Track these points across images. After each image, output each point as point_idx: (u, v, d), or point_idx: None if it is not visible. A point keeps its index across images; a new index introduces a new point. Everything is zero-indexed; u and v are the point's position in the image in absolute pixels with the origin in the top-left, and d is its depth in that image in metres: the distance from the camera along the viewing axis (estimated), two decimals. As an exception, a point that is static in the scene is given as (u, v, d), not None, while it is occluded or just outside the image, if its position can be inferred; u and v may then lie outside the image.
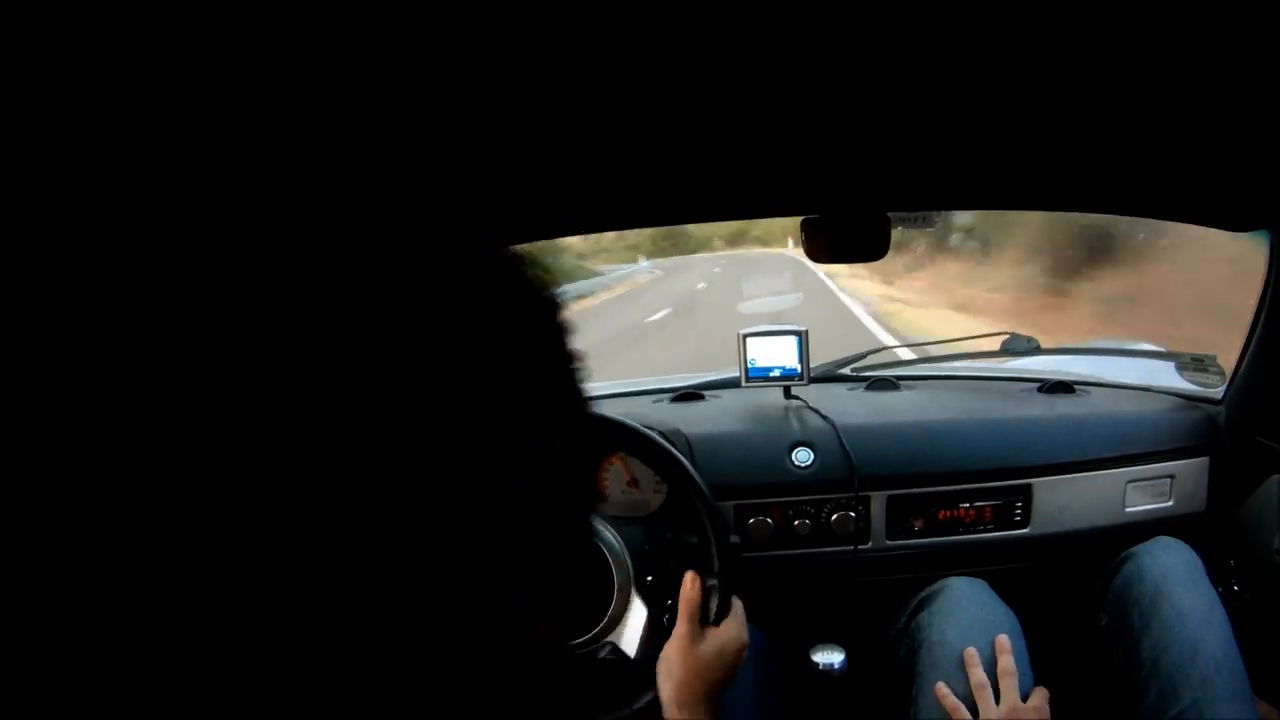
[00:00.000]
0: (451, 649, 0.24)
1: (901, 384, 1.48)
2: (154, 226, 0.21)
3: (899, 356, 1.60)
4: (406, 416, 0.22)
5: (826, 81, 0.54)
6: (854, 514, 1.19)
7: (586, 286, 15.09)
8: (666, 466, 0.98)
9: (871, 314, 7.99)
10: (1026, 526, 1.21)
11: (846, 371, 1.55)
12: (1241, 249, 1.14)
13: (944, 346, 1.57)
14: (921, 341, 1.52)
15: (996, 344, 1.55)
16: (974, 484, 1.20)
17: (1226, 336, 1.21)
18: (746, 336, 1.35)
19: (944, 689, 0.95)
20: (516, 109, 0.54)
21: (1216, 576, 1.03)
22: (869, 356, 1.56)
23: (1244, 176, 0.80)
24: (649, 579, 0.98)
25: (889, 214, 0.99)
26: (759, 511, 1.19)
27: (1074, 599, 1.18)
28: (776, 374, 1.35)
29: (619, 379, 1.70)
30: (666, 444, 1.00)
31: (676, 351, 6.62)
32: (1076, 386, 1.41)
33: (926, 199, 1.00)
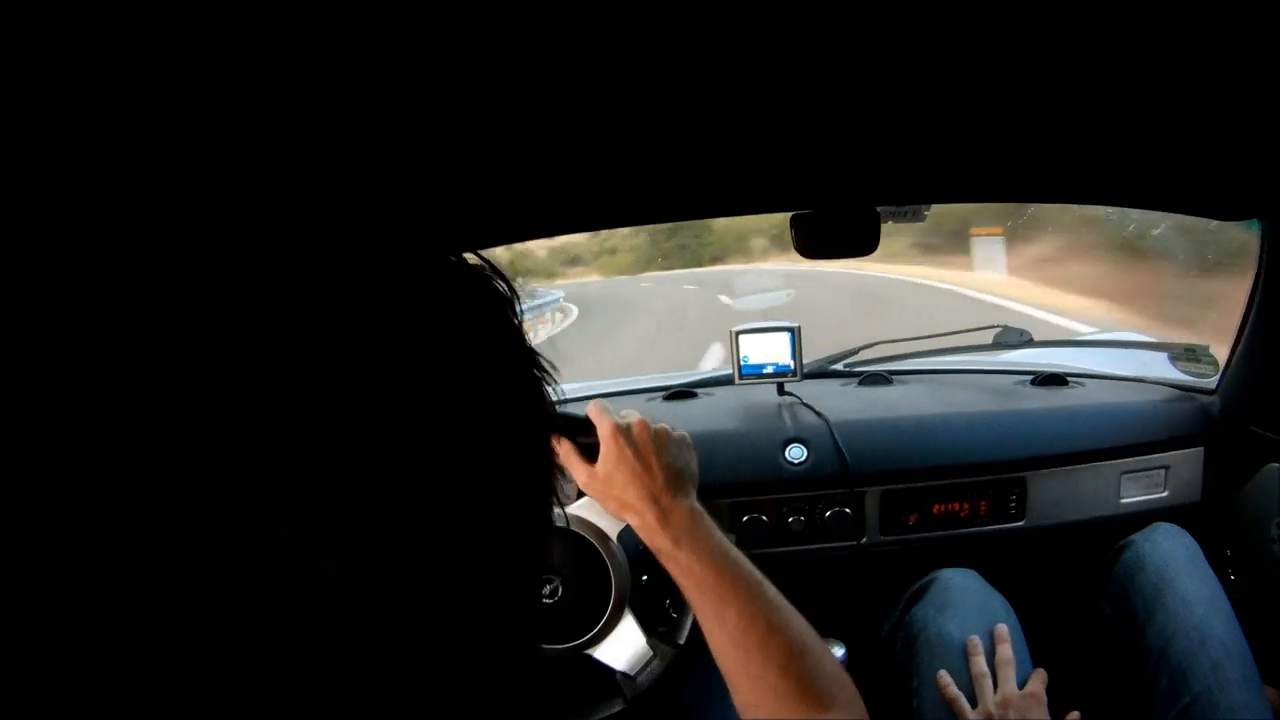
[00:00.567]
0: (422, 651, 0.24)
1: (895, 379, 1.48)
2: (140, 228, 0.21)
3: (891, 351, 1.60)
4: (372, 418, 0.22)
5: (817, 78, 0.54)
6: (848, 510, 1.18)
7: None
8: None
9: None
10: (1022, 519, 1.21)
11: (839, 367, 1.54)
12: None
13: (937, 341, 1.57)
14: (914, 336, 1.53)
15: (989, 337, 1.55)
16: (968, 478, 1.20)
17: None
18: (739, 334, 1.34)
19: (945, 678, 0.95)
20: (504, 105, 0.53)
21: (1213, 566, 1.03)
22: (861, 352, 1.56)
23: (1234, 166, 0.80)
24: (644, 579, 0.97)
25: (879, 208, 0.98)
26: (753, 509, 1.19)
27: (1072, 589, 1.18)
28: (769, 371, 1.34)
29: (612, 378, 1.70)
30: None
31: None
32: (1070, 379, 1.41)
33: (917, 193, 1.00)
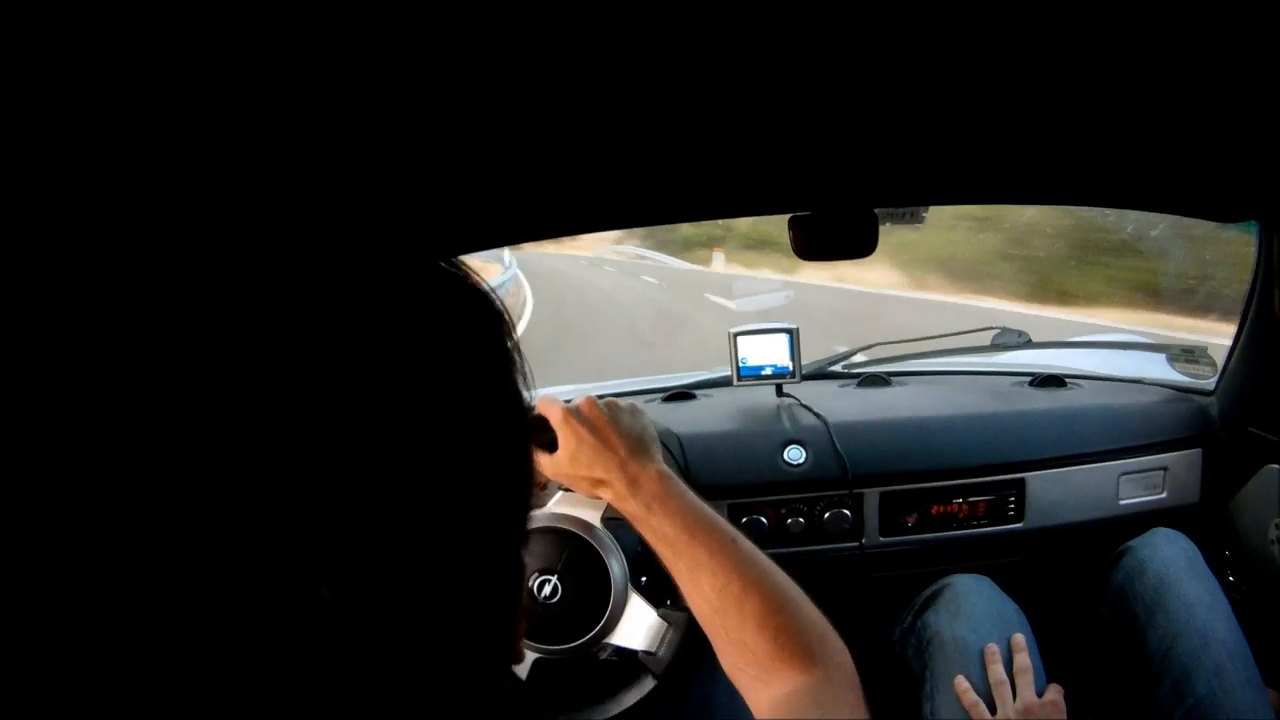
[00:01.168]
0: (419, 650, 0.24)
1: (893, 380, 1.48)
2: (135, 231, 0.21)
3: (890, 352, 1.60)
4: (365, 420, 0.22)
5: (815, 79, 0.54)
6: (847, 511, 1.18)
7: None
8: None
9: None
10: (1020, 521, 1.21)
11: (838, 369, 1.54)
12: None
13: (935, 342, 1.57)
14: (913, 338, 1.53)
15: (987, 339, 1.55)
16: (967, 479, 1.20)
17: None
18: (737, 335, 1.34)
19: (964, 684, 0.95)
20: (500, 108, 0.53)
21: (1212, 568, 1.03)
22: (860, 353, 1.56)
23: (1231, 167, 0.80)
24: (644, 579, 0.97)
25: (877, 210, 0.98)
26: (752, 510, 1.18)
27: (1071, 592, 1.18)
28: (768, 372, 1.34)
29: (612, 379, 1.70)
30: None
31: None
32: (1068, 380, 1.41)
33: (915, 194, 1.00)
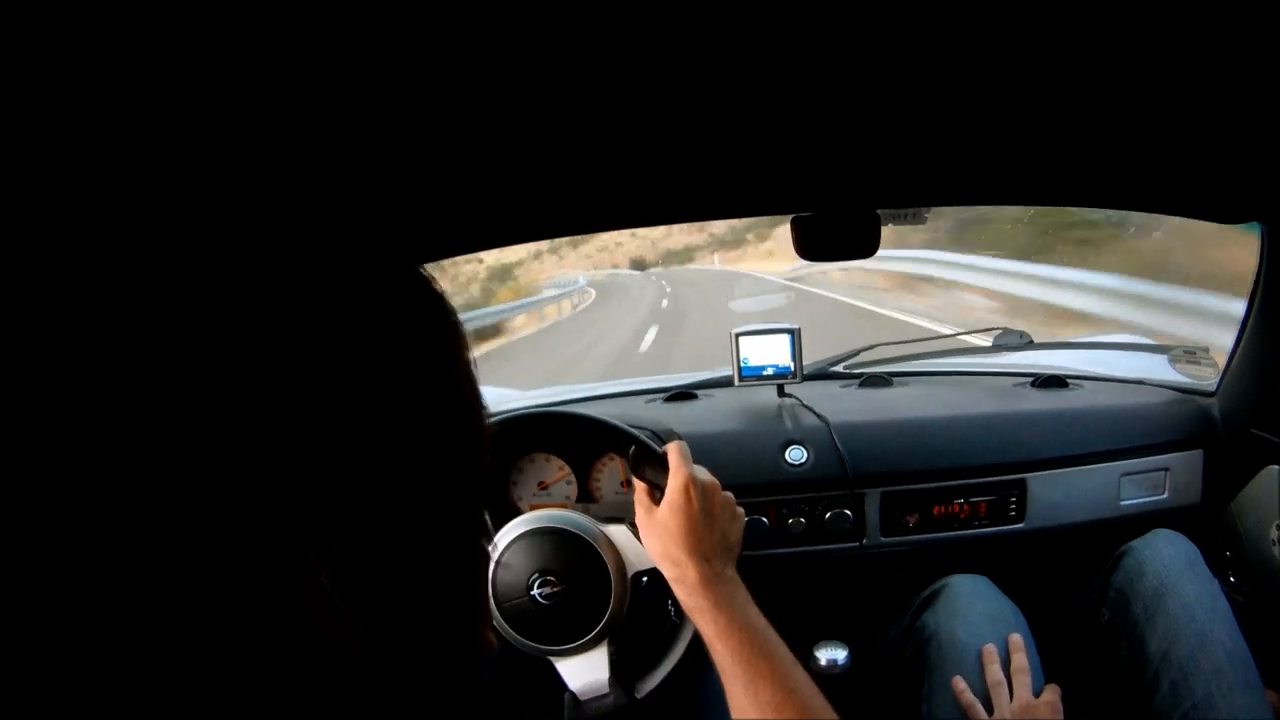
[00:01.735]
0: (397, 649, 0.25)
1: (895, 380, 1.48)
2: (111, 232, 0.21)
3: (892, 353, 1.60)
4: (315, 414, 0.23)
5: (818, 80, 0.54)
6: (849, 511, 1.18)
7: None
8: (574, 426, 1.00)
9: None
10: (1021, 521, 1.21)
11: (839, 369, 1.54)
12: None
13: (937, 342, 1.57)
14: (915, 339, 1.53)
15: (989, 339, 1.55)
16: (968, 479, 1.20)
17: None
18: (739, 335, 1.34)
19: (961, 684, 0.95)
20: (501, 107, 0.53)
21: (1213, 569, 1.03)
22: (862, 354, 1.56)
23: (1234, 168, 0.80)
24: (644, 579, 0.97)
25: (879, 210, 0.98)
26: (753, 510, 1.18)
27: (1072, 593, 1.18)
28: (769, 372, 1.34)
29: (611, 380, 1.70)
30: (568, 409, 1.02)
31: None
32: (1070, 380, 1.41)
33: (917, 195, 1.00)
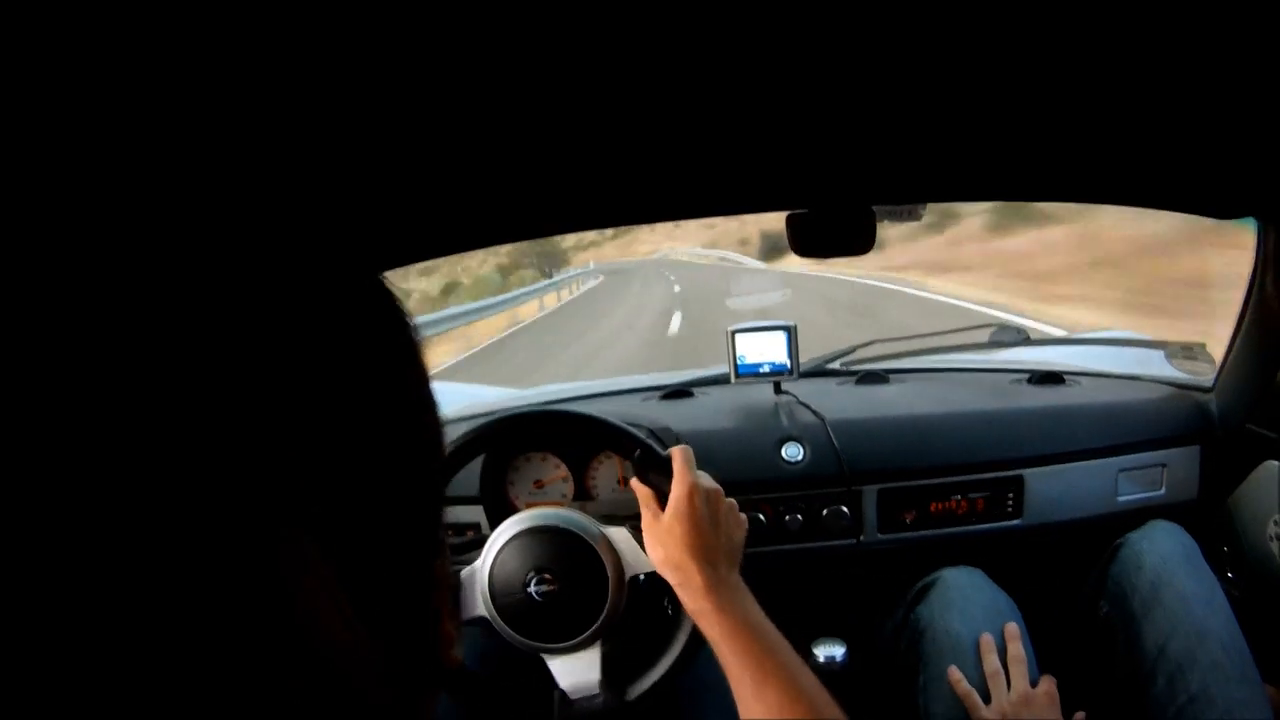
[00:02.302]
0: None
1: (891, 377, 1.48)
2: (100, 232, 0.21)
3: (888, 350, 1.60)
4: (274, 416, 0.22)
5: (812, 76, 0.53)
6: (846, 508, 1.18)
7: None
8: (636, 452, 0.99)
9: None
10: (1019, 517, 1.21)
11: (836, 366, 1.54)
12: None
13: (933, 339, 1.57)
14: (910, 335, 1.54)
15: (985, 336, 1.55)
16: (965, 476, 1.20)
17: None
18: (735, 333, 1.34)
19: (957, 674, 0.95)
20: (493, 103, 0.53)
21: (1210, 564, 1.03)
22: (858, 350, 1.56)
23: (1231, 164, 0.80)
24: (641, 577, 0.97)
25: (875, 207, 0.98)
26: (750, 508, 1.18)
27: (1070, 588, 1.18)
28: (766, 370, 1.34)
29: (607, 378, 1.70)
30: (641, 435, 1.01)
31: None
32: (1066, 377, 1.41)
33: (913, 192, 1.00)
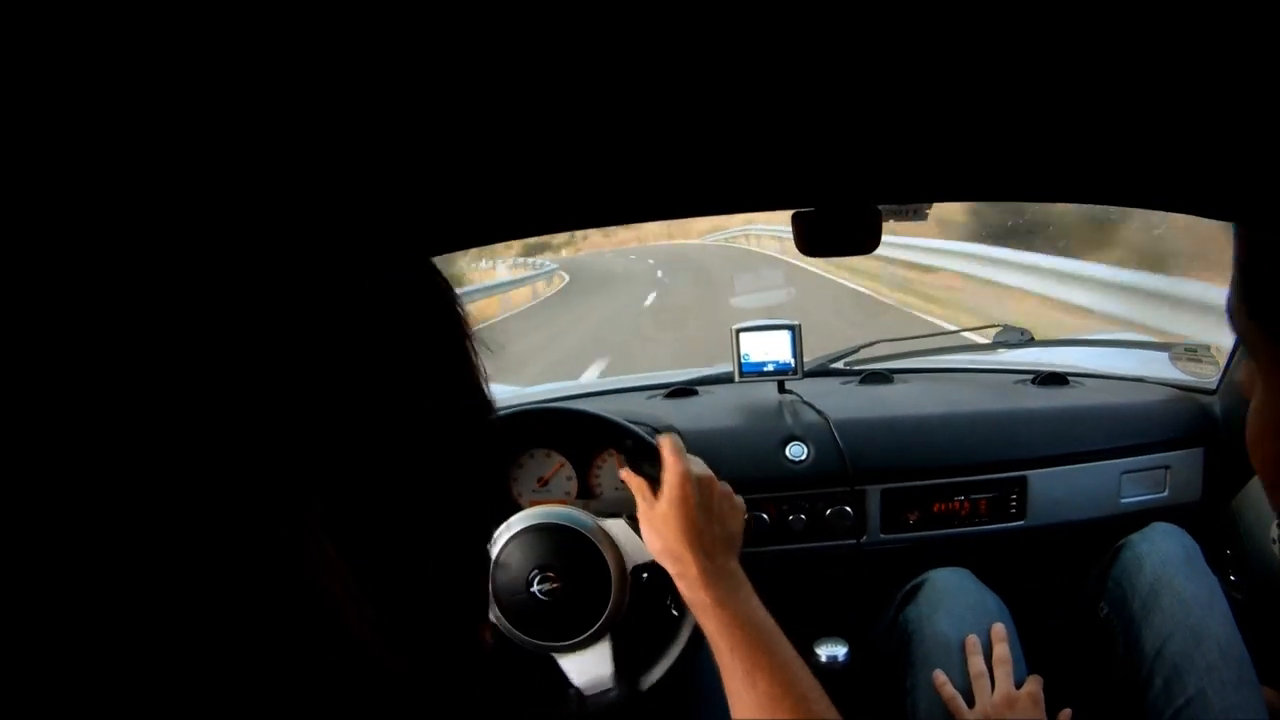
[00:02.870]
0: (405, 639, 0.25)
1: (895, 377, 1.48)
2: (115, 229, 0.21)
3: (892, 350, 1.60)
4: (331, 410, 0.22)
5: (818, 75, 0.53)
6: (849, 508, 1.18)
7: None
8: (628, 442, 1.00)
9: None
10: (1022, 518, 1.21)
11: (840, 365, 1.54)
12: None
13: (938, 339, 1.57)
14: (915, 335, 1.53)
15: (990, 336, 1.55)
16: (969, 476, 1.20)
17: None
18: (740, 331, 1.34)
19: (942, 677, 0.95)
20: (495, 102, 0.53)
21: (1213, 567, 1.03)
22: (862, 350, 1.56)
23: (1235, 165, 0.79)
24: (644, 575, 0.98)
25: (880, 206, 0.98)
26: (754, 507, 1.18)
27: (1071, 589, 1.18)
28: (770, 369, 1.34)
29: (611, 375, 1.70)
30: (565, 405, 1.02)
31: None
32: (1070, 378, 1.41)
33: (917, 191, 1.00)
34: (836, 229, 1.00)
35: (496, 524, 0.96)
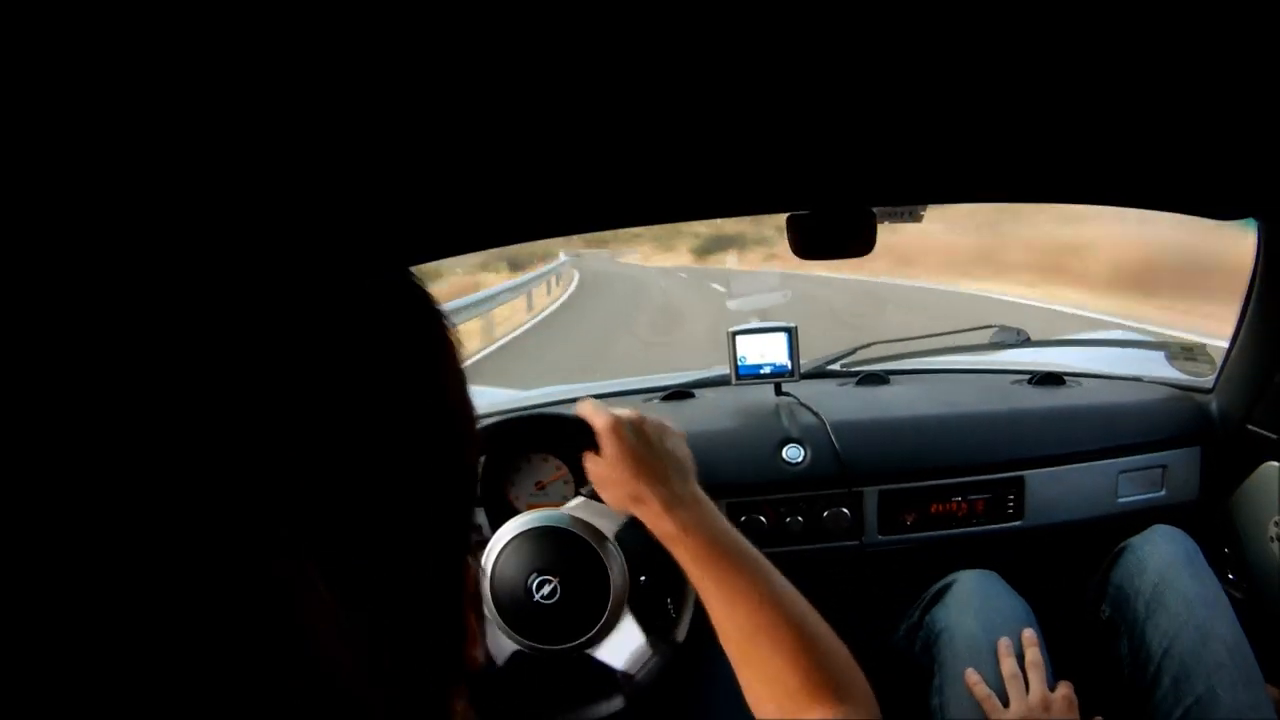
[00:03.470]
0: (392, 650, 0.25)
1: (892, 379, 1.48)
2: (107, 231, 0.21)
3: (889, 351, 1.60)
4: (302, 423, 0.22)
5: (812, 78, 0.53)
6: (846, 510, 1.18)
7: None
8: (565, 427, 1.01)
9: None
10: (1020, 519, 1.21)
11: (837, 367, 1.54)
12: None
13: (934, 340, 1.57)
14: (912, 336, 1.54)
15: (986, 337, 1.55)
16: (966, 477, 1.20)
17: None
18: (736, 334, 1.34)
19: (975, 677, 0.95)
20: (494, 105, 0.53)
21: (1211, 566, 1.03)
22: (859, 352, 1.56)
23: (1231, 165, 0.80)
24: (642, 579, 0.97)
25: (875, 209, 0.98)
26: (751, 509, 1.18)
27: (1071, 590, 1.18)
28: (767, 371, 1.34)
29: (608, 379, 1.70)
30: (561, 411, 1.03)
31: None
32: (1067, 378, 1.41)
33: (913, 193, 1.00)
34: (831, 232, 1.00)
35: (494, 526, 0.96)
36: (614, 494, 0.79)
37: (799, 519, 1.19)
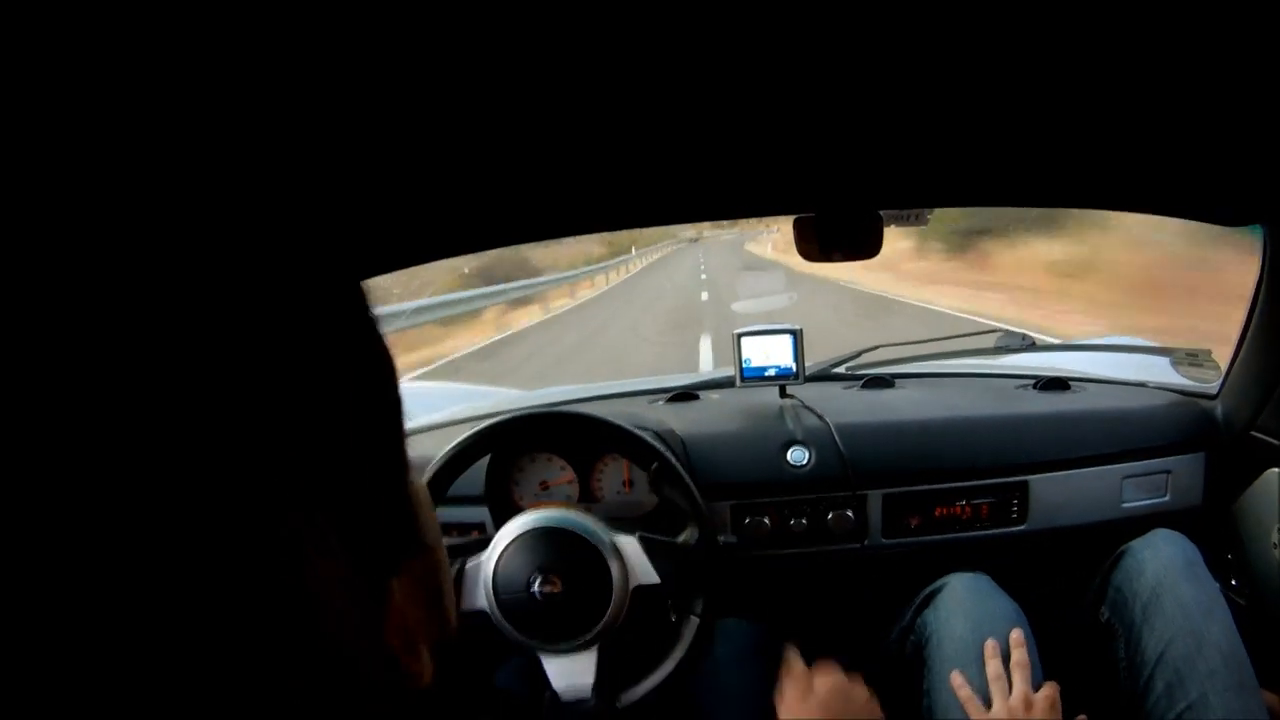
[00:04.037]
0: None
1: (897, 382, 1.48)
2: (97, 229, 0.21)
3: (894, 354, 1.60)
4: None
5: (821, 81, 0.54)
6: (850, 513, 1.18)
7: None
8: (654, 465, 1.00)
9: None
10: (1023, 523, 1.21)
11: (842, 370, 1.54)
12: None
13: (939, 344, 1.57)
14: (916, 340, 1.54)
15: (991, 341, 1.55)
16: (970, 481, 1.20)
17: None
18: (741, 336, 1.34)
19: (960, 678, 0.95)
20: (502, 106, 0.54)
21: (1214, 572, 1.03)
22: (864, 355, 1.56)
23: (1236, 171, 0.80)
24: (645, 588, 0.98)
25: (881, 211, 0.99)
26: (755, 511, 1.19)
27: (1072, 594, 1.18)
28: (772, 373, 1.34)
29: (613, 380, 1.70)
30: (658, 445, 1.01)
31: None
32: (1072, 382, 1.41)
33: (919, 196, 1.00)
34: (838, 234, 1.00)
35: (497, 524, 0.97)
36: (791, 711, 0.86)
37: (803, 521, 1.19)
